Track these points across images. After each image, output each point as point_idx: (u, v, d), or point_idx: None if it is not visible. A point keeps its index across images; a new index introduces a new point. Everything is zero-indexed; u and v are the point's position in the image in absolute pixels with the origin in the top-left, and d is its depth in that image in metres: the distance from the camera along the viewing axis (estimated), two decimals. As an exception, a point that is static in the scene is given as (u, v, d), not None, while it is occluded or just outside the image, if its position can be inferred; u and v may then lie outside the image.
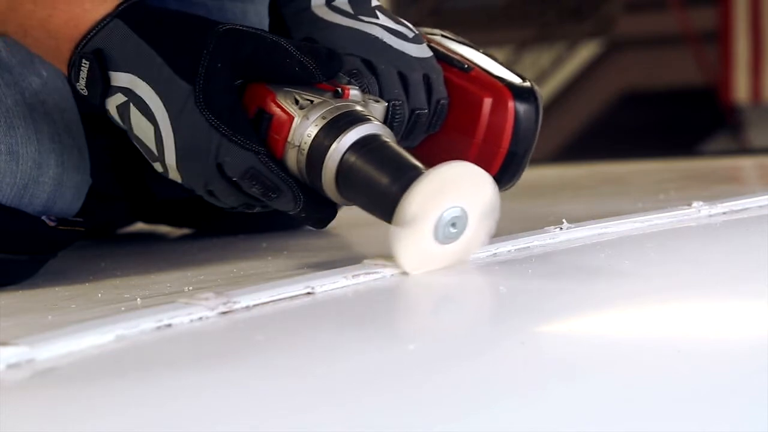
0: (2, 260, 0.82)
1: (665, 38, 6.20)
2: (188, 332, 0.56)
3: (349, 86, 0.74)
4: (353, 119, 0.71)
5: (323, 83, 0.74)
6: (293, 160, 0.72)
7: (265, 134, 0.73)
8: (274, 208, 0.74)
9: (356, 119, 0.71)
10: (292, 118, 0.72)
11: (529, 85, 0.80)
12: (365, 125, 0.70)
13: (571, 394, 0.46)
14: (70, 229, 0.84)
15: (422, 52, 0.81)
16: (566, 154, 5.92)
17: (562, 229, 0.75)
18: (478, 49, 0.83)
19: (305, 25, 0.82)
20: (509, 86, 0.79)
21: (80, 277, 0.83)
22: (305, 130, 0.71)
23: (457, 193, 0.66)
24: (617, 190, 1.39)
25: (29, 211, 0.82)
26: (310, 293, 0.62)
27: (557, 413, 0.44)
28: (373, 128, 0.71)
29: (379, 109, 0.76)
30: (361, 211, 0.71)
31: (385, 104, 0.77)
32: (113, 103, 0.74)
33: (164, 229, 1.17)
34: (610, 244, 0.74)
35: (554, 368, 0.49)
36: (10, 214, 0.81)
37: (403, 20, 0.82)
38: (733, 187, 1.42)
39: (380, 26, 0.80)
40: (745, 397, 0.47)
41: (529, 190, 1.36)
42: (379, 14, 0.82)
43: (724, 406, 0.46)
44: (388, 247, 0.65)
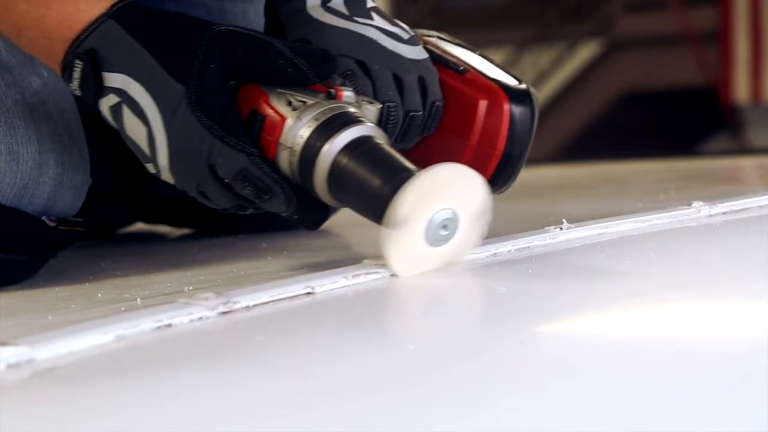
0: (2, 260, 0.82)
1: (665, 38, 6.21)
2: (188, 332, 0.56)
3: (342, 88, 0.74)
4: (345, 121, 0.70)
5: (317, 85, 0.74)
6: (285, 161, 0.72)
7: (257, 135, 0.72)
8: (266, 209, 0.74)
9: (349, 121, 0.70)
10: (284, 119, 0.72)
11: (524, 87, 0.80)
12: (357, 127, 0.70)
13: (571, 394, 0.46)
14: (70, 229, 0.84)
15: (417, 53, 0.80)
16: (566, 154, 5.91)
17: (562, 229, 0.75)
18: (474, 50, 0.83)
19: (300, 26, 0.82)
20: (505, 88, 0.79)
21: (80, 277, 0.83)
22: (297, 131, 0.71)
23: (448, 195, 0.65)
24: (617, 190, 1.39)
25: (29, 211, 0.82)
26: (310, 293, 0.62)
27: (557, 413, 0.44)
28: (365, 130, 0.70)
29: (372, 110, 0.75)
30: None
31: (379, 106, 0.76)
32: (106, 103, 0.74)
33: (164, 229, 1.17)
34: (610, 244, 0.74)
35: (554, 368, 0.49)
36: (10, 214, 0.81)
37: (398, 22, 0.82)
38: (733, 187, 1.42)
39: (375, 28, 0.80)
40: (745, 397, 0.47)
41: (529, 190, 1.36)
42: (374, 16, 0.81)
43: (724, 406, 0.46)
44: (380, 248, 0.65)
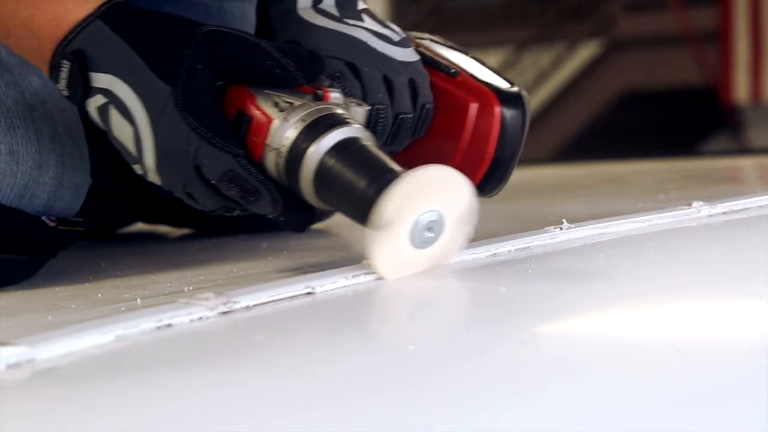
0: (2, 260, 0.82)
1: (665, 38, 6.21)
2: (188, 332, 0.56)
3: (330, 89, 0.73)
4: (332, 122, 0.70)
5: (305, 86, 0.73)
6: (272, 163, 0.71)
7: (244, 137, 0.72)
8: (253, 211, 0.74)
9: (335, 122, 0.70)
10: (271, 120, 0.71)
11: (516, 90, 0.79)
12: (344, 128, 0.70)
13: (571, 394, 0.46)
14: (70, 229, 0.84)
15: (408, 56, 0.80)
16: (566, 154, 5.91)
17: (562, 229, 0.75)
18: (467, 53, 0.82)
19: (290, 27, 0.81)
20: (496, 91, 0.79)
21: (80, 277, 0.83)
22: (284, 132, 0.71)
23: (434, 196, 0.65)
24: (617, 190, 1.38)
25: (29, 211, 0.82)
26: (310, 293, 0.62)
27: (557, 413, 0.44)
28: (352, 131, 0.70)
29: (360, 112, 0.75)
30: None
31: (367, 108, 0.76)
32: (93, 104, 0.74)
33: (164, 229, 1.17)
34: (610, 244, 0.74)
35: (554, 368, 0.49)
36: (10, 214, 0.81)
37: (390, 24, 0.82)
38: (733, 187, 1.42)
39: (366, 29, 0.80)
40: (745, 397, 0.47)
41: (529, 190, 1.36)
42: (365, 17, 0.81)
43: (724, 406, 0.46)
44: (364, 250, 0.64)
